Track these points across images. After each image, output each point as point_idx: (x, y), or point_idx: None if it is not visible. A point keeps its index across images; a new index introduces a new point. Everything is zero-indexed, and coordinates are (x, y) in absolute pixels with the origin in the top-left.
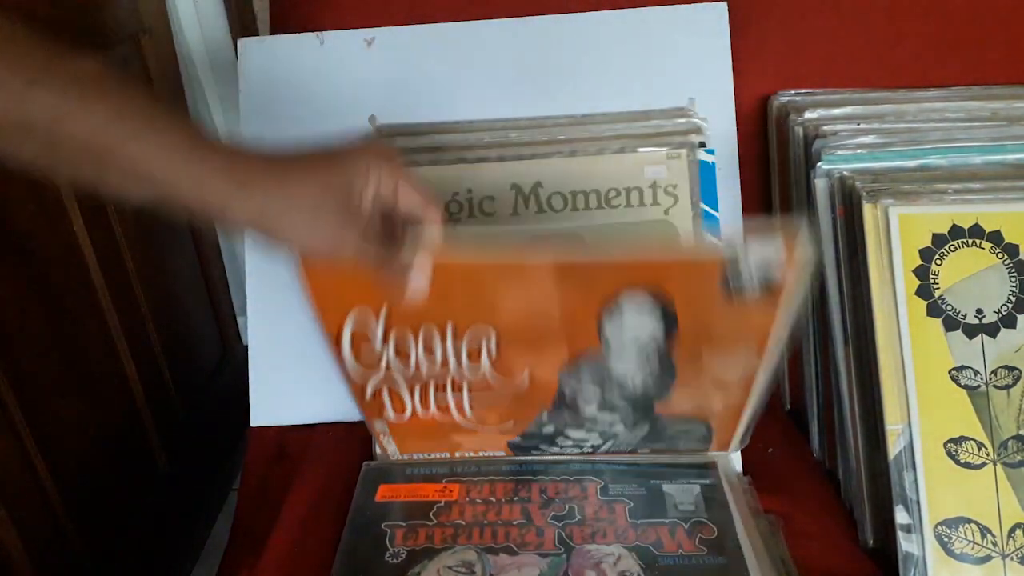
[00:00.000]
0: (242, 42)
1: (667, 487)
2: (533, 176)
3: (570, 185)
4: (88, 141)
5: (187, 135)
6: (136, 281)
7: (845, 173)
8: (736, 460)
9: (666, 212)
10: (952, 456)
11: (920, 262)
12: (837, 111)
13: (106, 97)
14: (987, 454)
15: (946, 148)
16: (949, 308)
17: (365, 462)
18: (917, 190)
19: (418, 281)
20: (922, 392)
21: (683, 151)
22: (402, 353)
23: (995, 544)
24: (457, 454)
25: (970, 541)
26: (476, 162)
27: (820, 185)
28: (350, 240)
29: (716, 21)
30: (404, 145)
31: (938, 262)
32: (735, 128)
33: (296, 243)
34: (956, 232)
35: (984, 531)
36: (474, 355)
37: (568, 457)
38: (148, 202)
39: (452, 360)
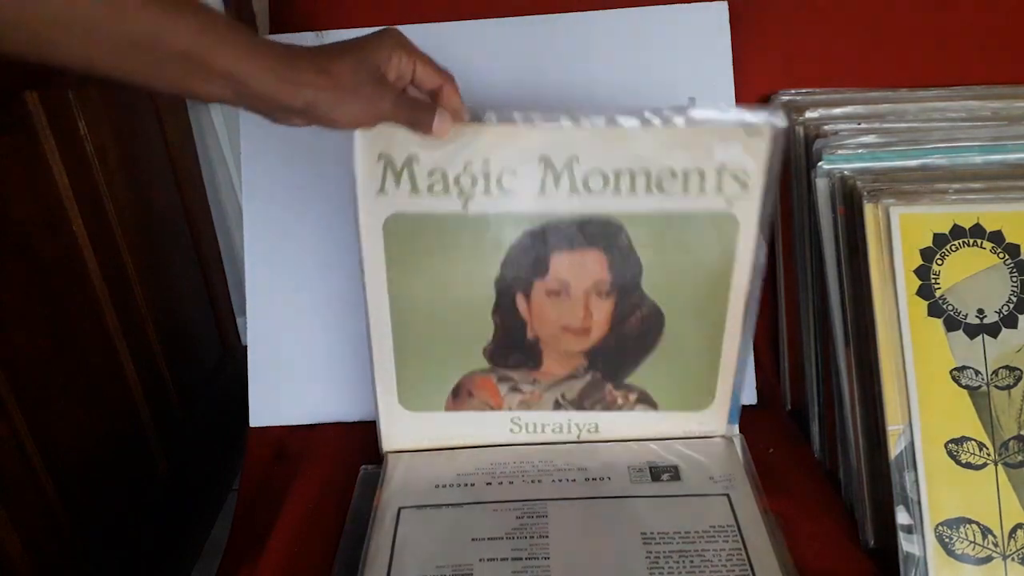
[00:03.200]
0: None
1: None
2: (568, 147)
3: (614, 162)
4: (186, 49)
5: (263, 45)
6: (136, 281)
7: (846, 173)
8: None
9: (730, 203)
10: (953, 456)
11: (921, 262)
12: (838, 111)
13: (195, 11)
14: (988, 454)
15: (947, 148)
16: (950, 308)
17: (363, 466)
18: (918, 190)
19: (442, 121)
20: (923, 392)
21: (767, 129)
22: None
23: (996, 545)
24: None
25: (971, 542)
26: (497, 123)
27: (821, 185)
28: (384, 107)
29: (717, 20)
30: (427, 80)
31: (939, 262)
32: None
33: (345, 119)
34: (957, 232)
35: (985, 531)
36: None
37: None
38: (220, 99)
39: None
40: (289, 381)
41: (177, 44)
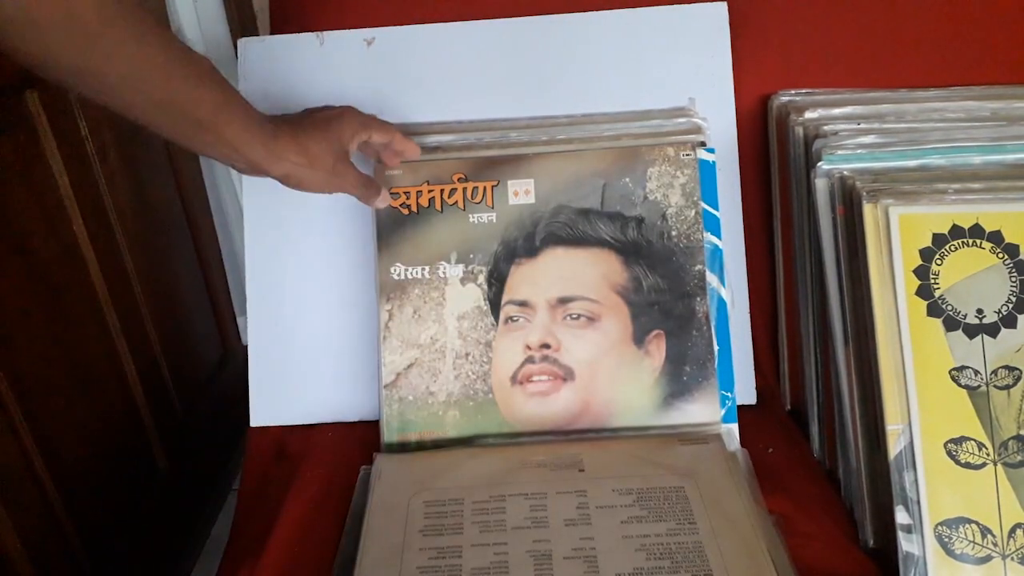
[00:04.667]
0: (242, 42)
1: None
2: None
3: None
4: (203, 119)
5: (258, 123)
6: (136, 281)
7: (845, 173)
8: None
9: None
10: (952, 456)
11: (920, 262)
12: (837, 111)
13: (216, 89)
14: (987, 454)
15: (946, 148)
16: (949, 308)
17: (363, 467)
18: (917, 190)
19: (383, 199)
20: (922, 392)
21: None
22: None
23: (995, 544)
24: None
25: (970, 541)
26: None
27: (820, 185)
28: (345, 184)
29: (716, 21)
30: (382, 141)
31: (938, 262)
32: (735, 128)
33: (312, 188)
34: (956, 232)
35: (984, 531)
36: None
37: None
38: (218, 159)
39: None
40: (289, 381)
41: (195, 114)
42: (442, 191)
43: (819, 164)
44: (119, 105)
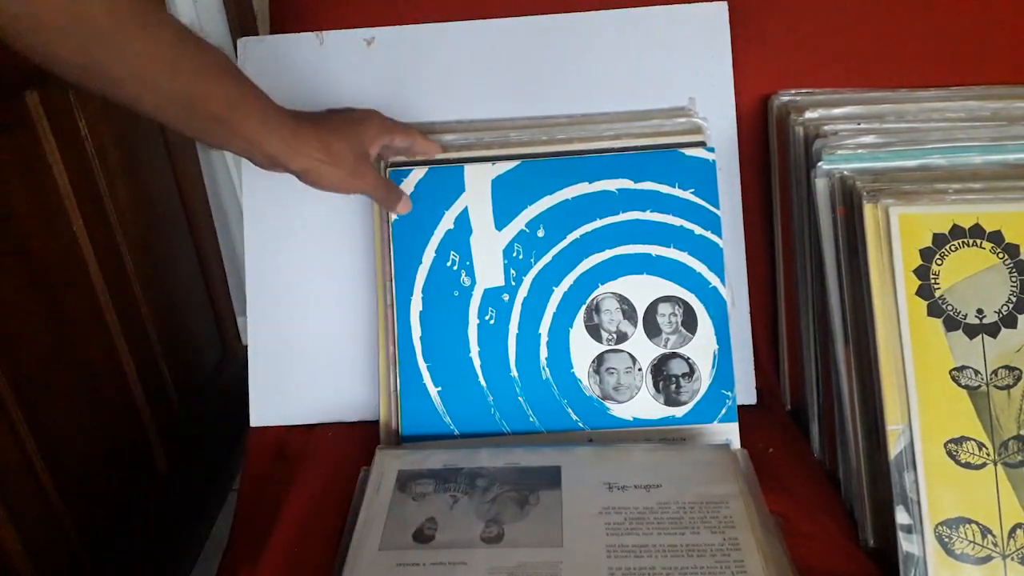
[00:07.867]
0: (242, 42)
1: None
2: None
3: None
4: (216, 114)
5: (277, 116)
6: (136, 281)
7: (845, 173)
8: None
9: None
10: (952, 456)
11: (921, 262)
12: (837, 111)
13: (229, 83)
14: (987, 454)
15: (947, 148)
16: (950, 308)
17: (363, 468)
18: (918, 190)
19: (405, 205)
20: (922, 392)
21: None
22: None
23: (995, 544)
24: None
25: (970, 541)
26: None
27: (820, 185)
28: (364, 185)
29: (717, 20)
30: (404, 145)
31: (939, 262)
32: (735, 128)
33: (330, 186)
34: (957, 232)
35: (984, 531)
36: None
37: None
38: (236, 152)
39: None
40: (289, 381)
41: (209, 109)
42: None
43: (819, 164)
44: (127, 100)
